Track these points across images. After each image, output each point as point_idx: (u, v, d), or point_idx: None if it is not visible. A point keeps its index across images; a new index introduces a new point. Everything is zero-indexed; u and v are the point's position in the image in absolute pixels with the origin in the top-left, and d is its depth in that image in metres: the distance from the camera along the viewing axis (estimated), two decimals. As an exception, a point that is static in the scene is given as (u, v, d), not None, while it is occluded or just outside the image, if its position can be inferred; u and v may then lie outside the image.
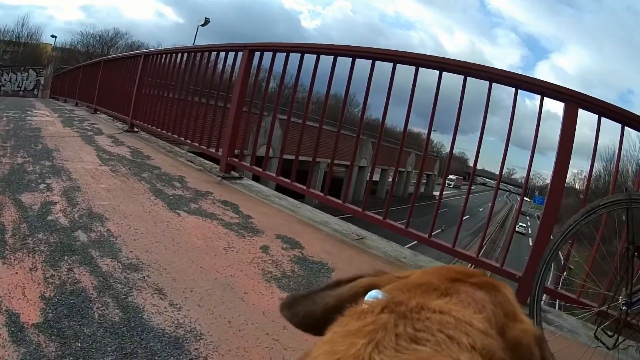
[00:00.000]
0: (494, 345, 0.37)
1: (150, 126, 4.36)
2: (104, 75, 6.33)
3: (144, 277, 1.55)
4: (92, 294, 1.39)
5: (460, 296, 0.42)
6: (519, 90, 2.24)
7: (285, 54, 2.96)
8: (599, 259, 1.88)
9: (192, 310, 1.39)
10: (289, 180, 2.72)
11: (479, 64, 2.35)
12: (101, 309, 1.32)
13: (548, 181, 2.25)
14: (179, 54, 4.08)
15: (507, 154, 2.30)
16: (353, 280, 0.51)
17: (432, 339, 0.34)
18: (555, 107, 2.35)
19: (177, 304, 1.41)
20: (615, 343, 1.43)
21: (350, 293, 0.49)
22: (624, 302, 1.46)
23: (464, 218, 2.50)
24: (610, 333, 1.47)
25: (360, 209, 2.46)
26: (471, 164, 2.42)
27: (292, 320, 0.52)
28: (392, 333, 0.34)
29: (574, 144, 2.14)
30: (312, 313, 0.50)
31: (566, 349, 1.51)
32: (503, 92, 2.44)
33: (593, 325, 1.69)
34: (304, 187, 2.63)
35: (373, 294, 0.44)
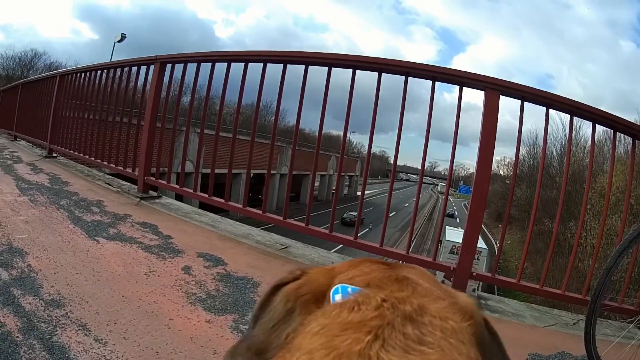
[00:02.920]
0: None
1: (68, 150, 4.07)
2: (22, 100, 5.89)
3: (66, 313, 1.46)
4: (17, 337, 1.30)
5: (444, 302, 0.40)
6: (438, 83, 2.21)
7: (196, 64, 2.84)
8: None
9: (117, 344, 1.33)
10: (206, 195, 2.58)
11: (394, 59, 2.32)
12: (28, 352, 1.24)
13: (472, 171, 2.26)
14: (92, 72, 3.84)
15: (429, 148, 2.27)
16: (268, 302, 0.44)
17: (436, 343, 0.33)
18: (475, 99, 2.37)
19: (102, 339, 1.34)
20: None
21: (283, 311, 0.42)
22: None
23: (390, 215, 2.48)
24: None
25: (281, 218, 2.37)
26: (392, 161, 2.39)
27: None
28: (399, 332, 0.33)
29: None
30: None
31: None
32: (422, 88, 2.43)
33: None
34: (222, 201, 2.50)
35: (347, 289, 0.40)
